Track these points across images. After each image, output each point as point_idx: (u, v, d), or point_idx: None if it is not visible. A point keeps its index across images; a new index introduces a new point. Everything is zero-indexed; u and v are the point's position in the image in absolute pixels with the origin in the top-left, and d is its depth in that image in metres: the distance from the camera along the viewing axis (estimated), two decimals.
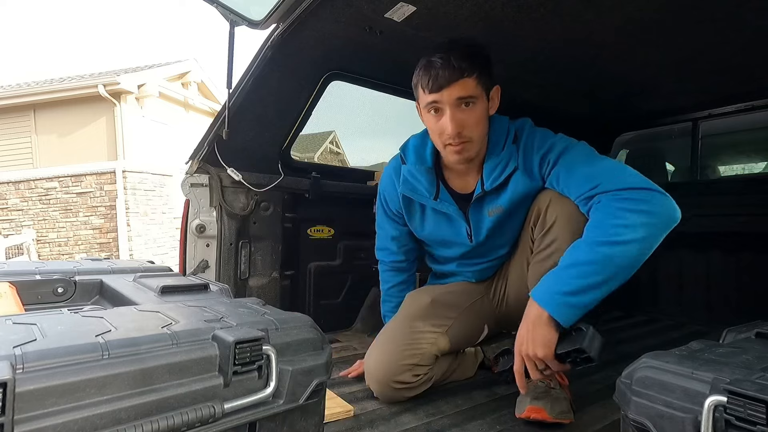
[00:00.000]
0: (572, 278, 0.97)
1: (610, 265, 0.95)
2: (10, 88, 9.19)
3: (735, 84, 2.00)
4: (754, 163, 3.10)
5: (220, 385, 0.40)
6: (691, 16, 1.40)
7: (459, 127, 1.13)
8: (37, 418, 0.33)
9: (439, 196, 1.31)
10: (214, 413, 0.38)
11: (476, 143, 1.18)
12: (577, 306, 0.96)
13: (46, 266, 0.78)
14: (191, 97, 10.78)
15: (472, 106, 1.13)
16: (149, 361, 0.37)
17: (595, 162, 1.10)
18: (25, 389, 0.33)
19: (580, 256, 0.98)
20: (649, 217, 0.96)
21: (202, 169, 1.65)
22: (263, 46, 1.50)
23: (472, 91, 1.11)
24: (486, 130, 1.19)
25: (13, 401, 0.31)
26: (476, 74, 1.11)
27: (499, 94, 1.20)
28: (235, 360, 0.42)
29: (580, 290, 0.96)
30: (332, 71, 1.77)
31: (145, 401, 0.36)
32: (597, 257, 0.96)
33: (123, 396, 0.36)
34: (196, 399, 0.38)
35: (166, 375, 0.37)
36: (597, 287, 0.96)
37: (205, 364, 0.40)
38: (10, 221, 8.80)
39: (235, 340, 0.41)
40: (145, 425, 0.35)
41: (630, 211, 0.96)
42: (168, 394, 0.37)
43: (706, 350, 0.71)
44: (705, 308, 2.30)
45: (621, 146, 2.88)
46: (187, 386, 0.38)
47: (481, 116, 1.15)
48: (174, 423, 0.36)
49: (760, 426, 0.51)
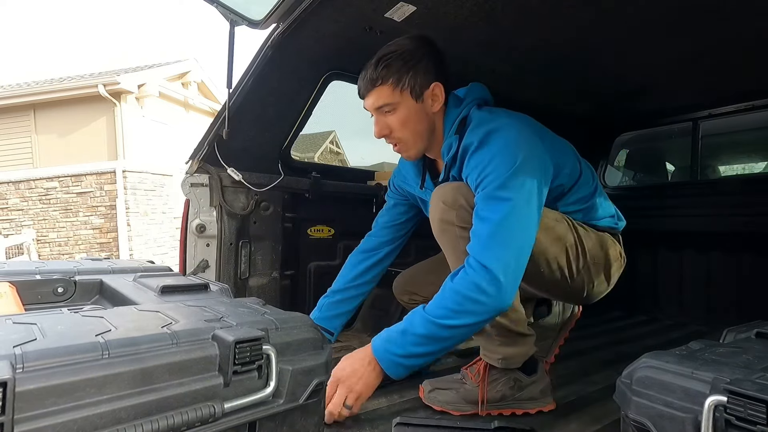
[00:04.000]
0: (407, 344, 1.05)
1: (440, 341, 1.04)
2: (10, 88, 9.19)
3: (735, 84, 2.00)
4: (754, 163, 3.10)
5: (220, 385, 0.41)
6: (691, 16, 1.40)
7: (383, 131, 1.19)
8: (37, 417, 0.33)
9: (424, 185, 1.34)
10: (214, 413, 0.38)
11: (411, 142, 1.20)
12: (407, 366, 1.07)
13: (46, 266, 0.77)
14: (191, 97, 10.78)
15: (393, 111, 1.16)
16: (149, 361, 0.37)
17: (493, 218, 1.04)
18: (25, 389, 0.33)
19: (417, 328, 1.04)
20: (482, 308, 1.01)
21: (202, 168, 1.65)
22: (263, 46, 1.50)
23: (387, 99, 1.14)
24: (422, 127, 1.19)
25: (13, 401, 0.31)
26: (391, 81, 1.13)
27: (441, 89, 1.17)
28: (235, 360, 0.42)
29: (412, 355, 1.05)
30: (332, 71, 1.77)
31: (145, 401, 0.36)
32: (430, 333, 1.03)
33: (123, 395, 0.35)
34: (196, 398, 0.38)
35: (166, 375, 0.37)
36: (427, 355, 1.06)
37: (205, 363, 0.40)
38: (10, 221, 8.80)
39: (235, 340, 0.41)
40: (145, 425, 0.35)
41: (468, 299, 1.01)
42: (168, 394, 0.37)
43: (706, 350, 0.71)
44: (705, 308, 2.30)
45: (621, 146, 2.88)
46: (187, 386, 0.38)
47: (406, 118, 1.16)
48: (174, 422, 0.36)
49: (760, 426, 0.51)
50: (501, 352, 1.18)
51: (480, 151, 1.10)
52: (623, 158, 2.96)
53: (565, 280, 1.22)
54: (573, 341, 1.91)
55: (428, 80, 1.15)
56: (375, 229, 1.56)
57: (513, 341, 1.18)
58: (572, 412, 1.22)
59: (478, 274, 1.01)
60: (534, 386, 1.21)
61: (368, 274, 1.52)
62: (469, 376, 1.23)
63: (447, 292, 1.04)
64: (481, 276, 1.00)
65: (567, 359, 1.66)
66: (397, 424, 0.93)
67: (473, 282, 1.01)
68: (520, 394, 1.20)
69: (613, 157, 2.85)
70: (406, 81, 1.13)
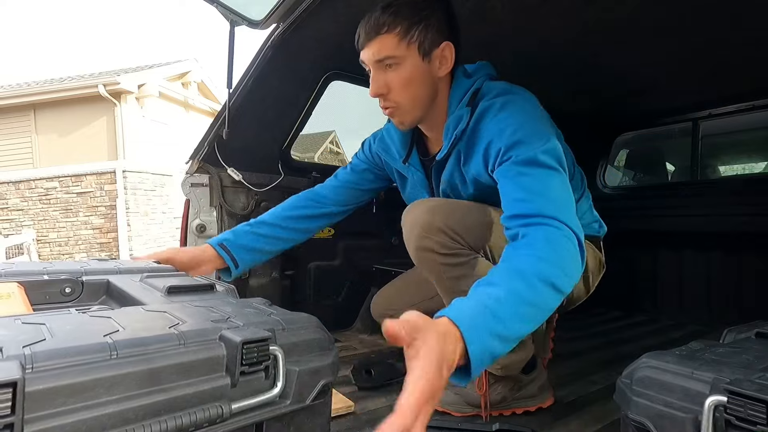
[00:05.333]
0: (510, 317, 0.67)
1: (543, 311, 0.73)
2: (10, 88, 9.19)
3: (735, 84, 2.01)
4: (754, 163, 3.10)
5: (228, 386, 0.41)
6: (691, 16, 1.40)
7: (380, 89, 1.01)
8: (46, 417, 0.33)
9: (408, 160, 1.21)
10: (221, 413, 0.38)
11: (407, 109, 1.04)
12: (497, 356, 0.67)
13: (54, 266, 0.77)
14: (191, 97, 10.77)
15: (396, 67, 0.99)
16: (157, 361, 0.37)
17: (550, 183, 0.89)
18: (34, 389, 0.33)
19: (523, 292, 0.70)
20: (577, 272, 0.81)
21: (202, 168, 1.66)
22: (263, 46, 1.50)
23: (391, 51, 0.97)
24: (425, 92, 1.03)
25: (23, 401, 0.32)
26: (399, 29, 0.96)
27: (452, 51, 1.02)
28: (243, 360, 0.42)
29: (511, 338, 0.68)
30: (332, 71, 1.77)
31: (153, 401, 0.36)
32: (540, 299, 0.72)
33: (131, 396, 0.36)
34: (203, 399, 0.38)
35: (174, 375, 0.37)
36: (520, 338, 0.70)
37: (212, 364, 0.40)
38: (10, 221, 8.80)
39: (242, 341, 0.41)
40: (154, 425, 0.35)
41: (571, 256, 0.79)
42: (176, 394, 0.37)
43: (706, 350, 0.71)
44: (705, 308, 2.30)
45: (621, 146, 2.88)
46: (195, 386, 0.38)
47: (408, 79, 0.99)
48: (182, 423, 0.36)
49: (760, 426, 0.51)
50: (501, 361, 1.13)
51: (504, 113, 0.96)
52: (623, 158, 2.96)
53: None
54: (573, 341, 1.92)
55: (440, 38, 1.00)
56: (332, 182, 1.37)
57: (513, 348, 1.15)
58: (572, 412, 1.22)
59: (565, 233, 0.81)
60: (533, 384, 1.21)
61: (304, 222, 1.31)
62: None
63: (546, 246, 0.78)
64: (570, 236, 0.81)
65: (567, 359, 1.67)
66: None
67: (568, 239, 0.80)
68: (519, 393, 1.20)
69: (613, 157, 2.85)
70: (416, 33, 0.97)
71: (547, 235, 0.80)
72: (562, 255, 0.78)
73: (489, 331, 0.64)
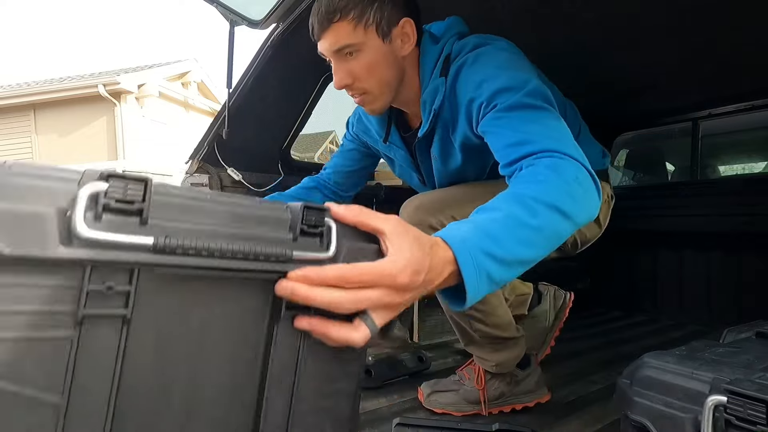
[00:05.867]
0: (510, 241, 0.63)
1: (549, 239, 0.68)
2: (10, 88, 9.20)
3: (735, 84, 2.01)
4: (755, 162, 3.10)
5: (290, 239, 0.49)
6: (690, 17, 1.40)
7: (344, 80, 0.96)
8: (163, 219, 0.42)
9: (388, 139, 1.16)
10: (284, 254, 0.47)
11: (376, 95, 0.99)
12: (495, 281, 0.61)
13: None
14: (191, 96, 10.79)
15: (356, 54, 0.93)
16: (243, 209, 0.47)
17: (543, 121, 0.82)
18: (156, 198, 0.42)
19: (526, 216, 0.65)
20: (591, 203, 0.75)
21: (202, 168, 1.65)
22: (263, 46, 1.50)
23: (348, 39, 0.91)
24: (391, 74, 0.98)
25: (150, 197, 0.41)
26: (352, 14, 0.90)
27: (413, 27, 0.96)
28: (303, 220, 0.50)
29: (513, 261, 0.63)
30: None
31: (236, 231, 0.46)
32: (545, 223, 0.66)
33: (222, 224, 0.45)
34: (272, 243, 0.48)
35: (253, 222, 0.47)
36: (525, 263, 0.65)
37: (280, 222, 0.49)
38: None
39: (304, 205, 0.50)
40: (235, 245, 0.44)
41: (581, 186, 0.72)
42: (252, 232, 0.47)
43: (706, 350, 0.71)
44: (705, 308, 2.30)
45: (621, 146, 2.88)
46: (267, 232, 0.48)
47: (371, 64, 0.94)
48: (256, 251, 0.45)
49: (760, 426, 0.51)
50: (494, 359, 1.17)
51: (476, 66, 0.90)
52: (623, 158, 2.96)
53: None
54: (573, 341, 1.91)
55: (397, 15, 0.94)
56: (325, 172, 1.37)
57: (504, 346, 1.17)
58: (572, 412, 1.22)
59: (570, 162, 0.74)
60: (529, 379, 1.22)
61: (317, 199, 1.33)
62: (466, 377, 1.23)
63: (550, 172, 0.72)
64: (577, 167, 0.74)
65: (567, 359, 1.66)
66: (397, 425, 0.93)
67: (576, 168, 0.74)
68: (517, 389, 1.21)
69: (613, 157, 2.85)
70: (371, 15, 0.91)
71: (550, 163, 0.73)
72: (568, 180, 0.71)
73: (482, 250, 0.59)
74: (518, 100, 0.83)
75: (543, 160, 0.74)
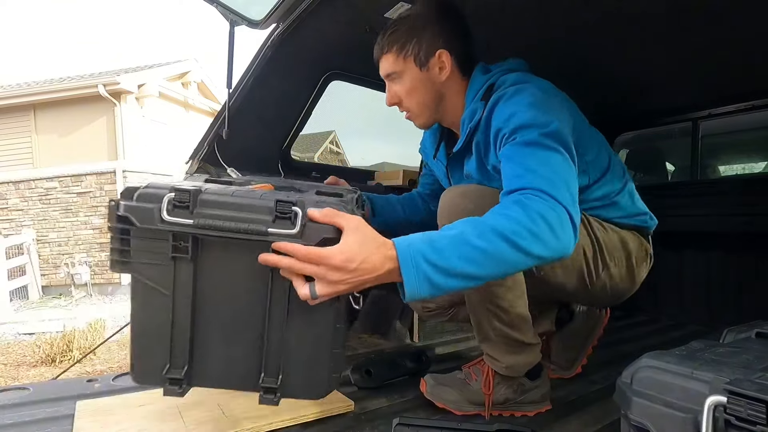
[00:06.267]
0: (452, 256, 0.76)
1: (494, 264, 0.79)
2: (10, 88, 9.19)
3: (735, 84, 2.00)
4: (755, 162, 3.10)
5: (270, 220, 0.77)
6: (691, 16, 1.40)
7: (392, 99, 1.18)
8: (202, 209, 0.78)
9: (436, 156, 1.32)
10: (263, 230, 0.76)
11: (416, 113, 1.18)
12: (435, 286, 0.76)
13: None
14: (191, 97, 10.78)
15: (399, 80, 1.14)
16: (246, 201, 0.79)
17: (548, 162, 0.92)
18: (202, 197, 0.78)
19: (472, 238, 0.78)
20: (554, 243, 0.83)
21: (202, 169, 1.65)
22: (263, 46, 1.50)
23: (392, 67, 1.13)
24: (429, 97, 1.15)
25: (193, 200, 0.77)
26: (395, 48, 1.11)
27: (448, 58, 1.11)
28: (276, 209, 0.76)
29: (450, 272, 0.76)
30: (332, 71, 1.77)
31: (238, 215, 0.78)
32: (490, 248, 0.77)
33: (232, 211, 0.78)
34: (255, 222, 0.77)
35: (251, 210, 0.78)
36: (467, 278, 0.78)
37: (266, 209, 0.77)
38: (10, 221, 8.80)
39: (277, 200, 0.77)
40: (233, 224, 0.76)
41: (546, 224, 0.82)
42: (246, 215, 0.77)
43: (706, 350, 0.71)
44: (705, 308, 2.30)
45: (621, 146, 2.88)
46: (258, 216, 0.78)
47: (411, 88, 1.14)
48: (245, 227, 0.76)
49: (760, 426, 0.51)
50: (506, 360, 1.15)
51: (512, 100, 1.01)
52: (623, 158, 2.96)
53: (583, 281, 1.17)
54: None
55: (434, 47, 1.10)
56: (419, 187, 1.52)
57: (519, 350, 1.16)
58: (572, 412, 1.22)
59: (549, 204, 0.83)
60: (536, 391, 1.20)
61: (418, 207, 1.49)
62: (473, 377, 1.21)
63: (518, 208, 0.82)
64: (554, 207, 0.83)
65: None
66: (398, 425, 0.93)
67: (550, 208, 0.83)
68: (522, 398, 1.19)
69: None
70: (410, 48, 1.10)
71: (523, 200, 0.84)
72: (532, 217, 0.81)
73: (423, 255, 0.76)
74: (534, 138, 0.93)
75: (526, 196, 0.85)
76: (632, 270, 1.24)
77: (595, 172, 1.17)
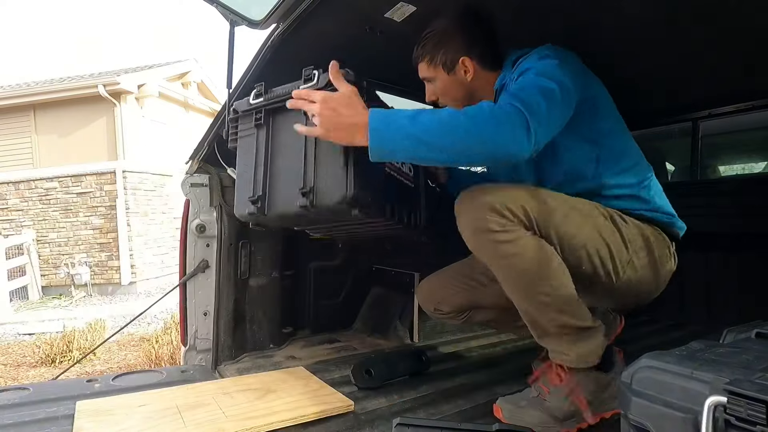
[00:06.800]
0: (417, 125, 0.98)
1: (446, 139, 0.97)
2: (10, 88, 9.19)
3: (735, 84, 2.00)
4: (755, 162, 3.10)
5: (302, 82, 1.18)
6: (691, 16, 1.40)
7: (430, 98, 1.36)
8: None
9: None
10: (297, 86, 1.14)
11: (453, 107, 1.21)
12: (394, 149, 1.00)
13: None
14: (191, 97, 10.78)
15: (433, 82, 1.32)
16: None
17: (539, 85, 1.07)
18: None
19: (434, 116, 1.00)
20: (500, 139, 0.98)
21: (202, 169, 1.66)
22: (263, 46, 1.50)
23: (425, 73, 1.32)
24: (460, 95, 1.31)
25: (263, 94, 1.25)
26: (426, 58, 1.29)
27: (470, 62, 1.27)
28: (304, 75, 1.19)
29: (412, 137, 0.97)
30: None
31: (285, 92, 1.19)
32: (446, 127, 0.98)
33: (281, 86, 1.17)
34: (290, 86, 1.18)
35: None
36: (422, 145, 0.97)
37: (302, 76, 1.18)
38: (10, 221, 8.80)
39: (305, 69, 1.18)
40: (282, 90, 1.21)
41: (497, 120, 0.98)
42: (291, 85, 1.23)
43: (706, 350, 0.71)
44: (705, 308, 2.30)
45: None
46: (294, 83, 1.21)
47: (443, 89, 1.31)
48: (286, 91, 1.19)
49: (760, 426, 0.51)
50: (573, 351, 1.11)
51: (533, 57, 1.18)
52: None
53: (609, 277, 1.15)
54: None
55: (458, 55, 1.26)
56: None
57: (580, 336, 1.11)
58: None
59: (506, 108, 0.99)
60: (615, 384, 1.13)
61: None
62: (545, 390, 1.15)
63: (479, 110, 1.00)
64: (511, 110, 0.98)
65: None
66: (397, 425, 0.93)
67: (507, 109, 0.99)
68: (604, 395, 1.14)
69: None
70: (438, 58, 1.28)
71: (492, 105, 1.02)
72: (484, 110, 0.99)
73: (395, 113, 1.02)
74: (538, 72, 1.10)
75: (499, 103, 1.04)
76: (655, 267, 1.24)
77: (610, 152, 1.24)
